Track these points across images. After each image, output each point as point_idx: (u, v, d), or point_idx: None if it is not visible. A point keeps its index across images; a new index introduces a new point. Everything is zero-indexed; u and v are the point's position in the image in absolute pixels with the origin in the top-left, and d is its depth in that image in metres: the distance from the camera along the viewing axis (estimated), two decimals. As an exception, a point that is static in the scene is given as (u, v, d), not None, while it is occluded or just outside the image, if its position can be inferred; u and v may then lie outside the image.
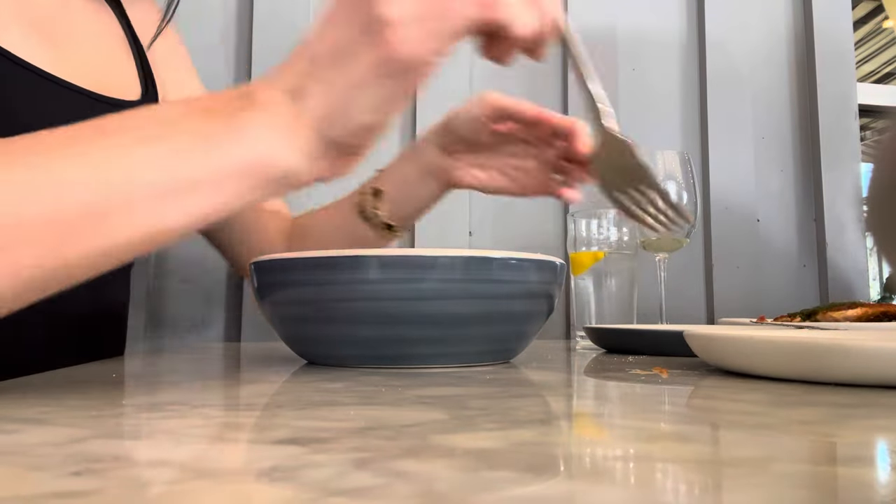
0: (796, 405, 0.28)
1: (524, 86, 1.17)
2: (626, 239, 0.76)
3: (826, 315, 0.72)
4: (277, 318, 0.47)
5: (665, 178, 0.83)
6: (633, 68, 1.20)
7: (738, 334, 0.38)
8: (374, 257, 0.42)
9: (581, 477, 0.17)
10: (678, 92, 1.22)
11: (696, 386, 0.36)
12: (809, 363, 0.34)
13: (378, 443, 0.20)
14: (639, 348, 0.58)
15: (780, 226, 1.22)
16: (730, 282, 1.16)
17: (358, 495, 0.14)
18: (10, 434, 0.21)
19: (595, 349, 0.65)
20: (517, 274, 0.44)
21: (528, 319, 0.46)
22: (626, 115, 1.18)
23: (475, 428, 0.22)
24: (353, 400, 0.29)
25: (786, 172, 1.23)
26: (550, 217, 1.15)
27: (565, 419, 0.27)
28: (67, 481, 0.15)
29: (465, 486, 0.15)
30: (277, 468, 0.17)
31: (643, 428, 0.23)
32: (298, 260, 0.44)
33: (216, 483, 0.16)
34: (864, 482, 0.16)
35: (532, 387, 0.36)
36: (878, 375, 0.32)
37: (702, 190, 1.18)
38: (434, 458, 0.18)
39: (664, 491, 0.16)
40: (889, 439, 0.22)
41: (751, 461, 0.18)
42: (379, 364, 0.44)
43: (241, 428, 0.24)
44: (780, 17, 1.28)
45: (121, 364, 0.49)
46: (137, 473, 0.16)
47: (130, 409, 0.27)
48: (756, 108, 1.22)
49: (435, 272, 0.42)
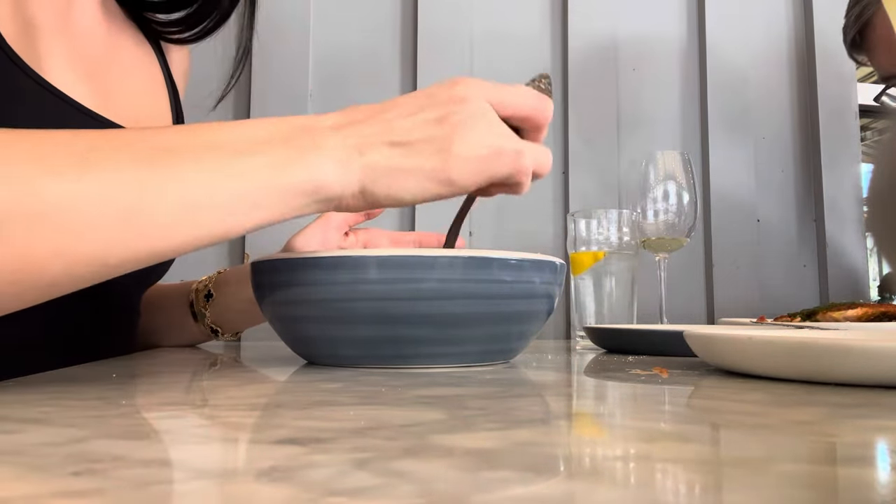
0: (796, 405, 0.28)
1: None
2: (626, 239, 0.76)
3: (826, 315, 0.72)
4: (277, 318, 0.47)
5: (665, 178, 0.83)
6: (633, 68, 1.20)
7: (738, 334, 0.38)
8: (374, 257, 0.42)
9: (581, 477, 0.17)
10: (678, 92, 1.22)
11: (696, 386, 0.36)
12: (809, 363, 0.34)
13: (378, 443, 0.20)
14: (639, 348, 0.58)
15: (780, 226, 1.22)
16: (730, 282, 1.16)
17: (358, 495, 0.14)
18: (10, 434, 0.21)
19: (595, 349, 0.65)
20: (517, 274, 0.44)
21: (528, 319, 0.46)
22: (627, 116, 1.19)
23: (475, 428, 0.22)
24: (353, 400, 0.29)
25: (786, 172, 1.23)
26: (550, 217, 1.15)
27: (565, 419, 0.27)
28: (67, 481, 0.15)
29: (465, 486, 0.15)
30: (277, 468, 0.17)
31: (643, 428, 0.23)
32: (298, 260, 0.44)
33: (216, 483, 0.16)
34: (864, 482, 0.16)
35: (532, 387, 0.36)
36: (878, 375, 0.32)
37: (702, 190, 1.18)
38: (434, 458, 0.18)
39: (664, 491, 0.16)
40: (889, 439, 0.22)
41: (751, 461, 0.18)
42: (379, 364, 0.44)
43: (241, 428, 0.24)
44: (780, 18, 1.28)
45: (121, 364, 0.49)
46: (137, 473, 0.16)
47: (130, 409, 0.27)
48: (756, 108, 1.22)
49: (435, 272, 0.42)
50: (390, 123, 0.39)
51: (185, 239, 0.35)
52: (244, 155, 0.36)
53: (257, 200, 0.36)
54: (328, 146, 0.38)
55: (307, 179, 0.37)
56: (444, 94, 0.41)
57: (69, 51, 0.58)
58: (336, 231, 0.65)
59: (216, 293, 0.71)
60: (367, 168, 0.39)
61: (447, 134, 0.39)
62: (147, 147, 0.35)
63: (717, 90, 1.20)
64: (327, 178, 0.38)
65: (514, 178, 0.42)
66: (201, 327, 0.72)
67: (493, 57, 1.14)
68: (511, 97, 0.43)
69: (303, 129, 0.38)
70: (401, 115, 0.40)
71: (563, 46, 1.18)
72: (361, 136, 0.39)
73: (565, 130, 1.17)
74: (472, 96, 0.41)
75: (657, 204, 0.83)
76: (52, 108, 0.53)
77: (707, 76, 1.20)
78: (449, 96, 0.40)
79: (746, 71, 1.22)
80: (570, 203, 1.14)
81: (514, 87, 0.44)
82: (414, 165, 0.39)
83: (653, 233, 0.82)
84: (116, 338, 0.66)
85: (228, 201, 0.35)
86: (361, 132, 0.39)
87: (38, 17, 0.55)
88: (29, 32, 0.54)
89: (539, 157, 0.44)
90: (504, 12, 1.17)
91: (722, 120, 1.20)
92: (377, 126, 0.39)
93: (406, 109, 0.40)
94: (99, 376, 0.39)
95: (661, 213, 0.82)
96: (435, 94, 0.41)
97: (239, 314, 0.70)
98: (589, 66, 1.18)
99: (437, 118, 0.40)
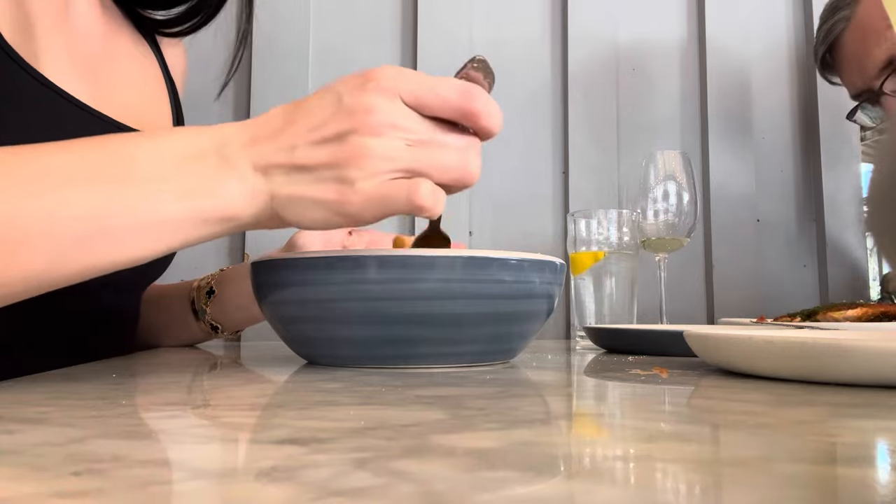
0: (796, 405, 0.28)
1: (526, 97, 1.17)
2: (626, 239, 0.76)
3: (826, 315, 0.72)
4: (277, 318, 0.47)
5: (665, 178, 0.83)
6: (633, 68, 1.20)
7: (738, 334, 0.38)
8: (374, 257, 0.42)
9: (581, 477, 0.17)
10: (678, 92, 1.22)
11: (696, 386, 0.36)
12: (809, 363, 0.34)
13: (378, 443, 0.20)
14: (639, 348, 0.58)
15: (780, 226, 1.22)
16: (730, 282, 1.16)
17: (358, 495, 0.14)
18: (10, 434, 0.21)
19: (595, 349, 0.65)
20: (517, 274, 0.44)
21: (528, 319, 0.46)
22: (627, 116, 1.19)
23: (475, 428, 0.22)
24: (353, 400, 0.29)
25: (786, 172, 1.23)
26: (550, 217, 1.15)
27: (565, 419, 0.27)
28: (67, 481, 0.15)
29: (465, 486, 0.15)
30: (277, 468, 0.17)
31: (643, 428, 0.23)
32: (298, 260, 0.44)
33: (216, 483, 0.16)
34: (864, 482, 0.16)
35: (532, 387, 0.36)
36: (878, 375, 0.32)
37: (702, 190, 1.18)
38: (434, 458, 0.18)
39: (664, 491, 0.16)
40: (889, 439, 0.22)
41: (751, 461, 0.18)
42: (379, 364, 0.44)
43: (241, 428, 0.24)
44: (780, 18, 1.28)
45: (121, 364, 0.49)
46: (137, 473, 0.16)
47: (130, 409, 0.27)
48: (756, 108, 1.22)
49: (435, 272, 0.42)
50: (297, 139, 0.38)
51: (78, 268, 0.36)
52: (151, 182, 0.36)
53: (162, 230, 0.37)
54: (238, 168, 0.38)
55: (215, 208, 0.38)
56: (353, 99, 0.38)
57: (67, 48, 0.58)
58: (339, 229, 0.65)
59: (218, 290, 0.71)
60: (274, 195, 0.39)
61: (347, 158, 0.38)
62: (44, 169, 0.35)
63: (717, 90, 1.20)
64: (235, 205, 0.38)
65: (414, 210, 0.39)
66: (202, 325, 0.72)
67: (493, 56, 1.14)
68: (431, 96, 0.39)
69: (215, 147, 0.38)
70: (308, 128, 0.39)
71: (563, 47, 1.18)
72: (268, 155, 0.38)
73: (565, 130, 1.17)
74: (381, 106, 0.38)
75: (657, 204, 0.83)
76: (49, 105, 0.53)
77: (707, 76, 1.20)
78: (356, 103, 0.38)
79: (746, 71, 1.22)
80: (570, 203, 1.14)
81: (436, 82, 0.40)
82: (316, 196, 0.38)
83: (653, 233, 0.82)
84: (115, 338, 0.66)
85: (132, 230, 0.36)
86: (268, 151, 0.38)
87: (36, 15, 0.55)
88: (27, 30, 0.54)
89: (447, 174, 0.40)
90: (504, 11, 1.17)
91: (722, 120, 1.20)
92: (284, 141, 0.39)
93: (313, 119, 0.39)
94: (99, 376, 0.39)
95: (661, 213, 0.82)
96: (343, 98, 0.39)
97: (240, 311, 0.70)
98: (589, 67, 1.18)
99: (338, 134, 0.38)
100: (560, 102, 1.17)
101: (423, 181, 0.39)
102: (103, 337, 0.63)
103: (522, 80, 1.16)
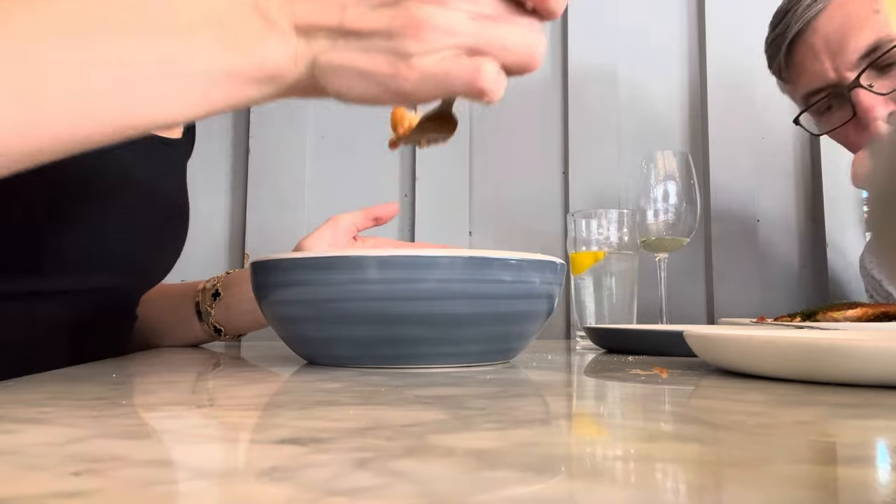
0: (796, 405, 0.28)
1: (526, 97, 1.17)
2: (626, 239, 0.76)
3: (826, 315, 0.72)
4: (277, 318, 0.47)
5: (665, 178, 0.83)
6: (633, 68, 1.20)
7: (738, 334, 0.38)
8: (374, 257, 0.42)
9: (581, 477, 0.17)
10: (678, 92, 1.22)
11: (696, 386, 0.36)
12: (809, 363, 0.34)
13: (378, 443, 0.20)
14: (639, 348, 0.58)
15: (780, 226, 1.22)
16: (730, 282, 1.16)
17: (358, 495, 0.14)
18: (9, 434, 0.21)
19: (595, 349, 0.65)
20: (517, 274, 0.44)
21: (528, 319, 0.46)
22: (627, 116, 1.18)
23: (475, 428, 0.22)
24: (353, 400, 0.29)
25: (786, 172, 1.23)
26: (550, 217, 1.15)
27: (565, 419, 0.27)
28: (67, 481, 0.15)
29: (465, 486, 0.15)
30: (277, 468, 0.17)
31: (643, 428, 0.23)
32: (298, 260, 0.44)
33: (216, 483, 0.16)
34: (864, 482, 0.16)
35: (532, 387, 0.36)
36: (878, 375, 0.32)
37: (702, 190, 1.18)
38: (434, 458, 0.18)
39: (664, 491, 0.16)
40: (889, 439, 0.22)
41: (751, 461, 0.18)
42: (379, 364, 0.44)
43: (241, 428, 0.24)
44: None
45: (121, 364, 0.49)
46: (137, 473, 0.16)
47: (130, 409, 0.27)
48: (756, 108, 1.22)
49: (435, 272, 0.42)
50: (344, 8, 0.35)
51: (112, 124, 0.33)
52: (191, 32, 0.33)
53: (202, 85, 0.33)
54: (278, 26, 0.34)
55: (259, 66, 0.34)
56: None
57: None
58: (345, 234, 0.65)
59: (223, 293, 0.71)
60: (316, 61, 0.35)
61: (404, 27, 0.33)
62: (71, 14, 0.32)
63: (717, 90, 1.20)
64: (279, 65, 0.34)
65: (473, 93, 0.35)
66: (205, 327, 0.72)
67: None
68: None
69: (253, 1, 0.34)
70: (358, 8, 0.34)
71: (563, 47, 1.18)
72: (312, 14, 0.34)
73: (565, 130, 1.17)
74: None
75: (657, 204, 0.83)
76: None
77: (707, 76, 1.20)
78: None
79: (746, 71, 1.22)
80: (570, 203, 1.14)
81: None
82: (365, 68, 0.34)
83: (653, 233, 0.82)
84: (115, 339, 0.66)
85: (170, 84, 0.33)
86: (313, 9, 0.34)
87: None
88: None
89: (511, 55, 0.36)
90: (504, 12, 1.17)
91: (722, 120, 1.20)
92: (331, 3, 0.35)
93: None
94: (99, 376, 0.39)
95: (661, 213, 0.82)
96: None
97: (244, 315, 0.70)
98: (589, 66, 1.18)
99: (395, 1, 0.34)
100: (560, 102, 1.17)
101: (489, 61, 0.35)
102: (103, 338, 0.63)
103: (522, 80, 1.16)
